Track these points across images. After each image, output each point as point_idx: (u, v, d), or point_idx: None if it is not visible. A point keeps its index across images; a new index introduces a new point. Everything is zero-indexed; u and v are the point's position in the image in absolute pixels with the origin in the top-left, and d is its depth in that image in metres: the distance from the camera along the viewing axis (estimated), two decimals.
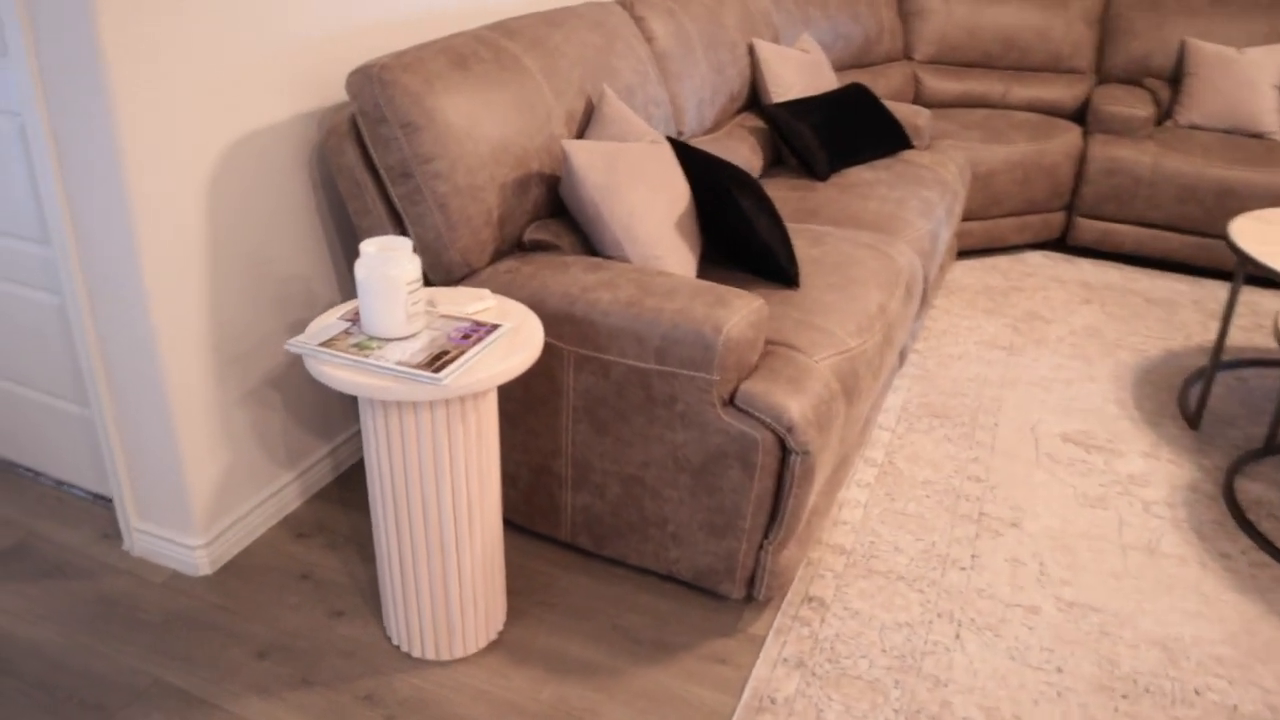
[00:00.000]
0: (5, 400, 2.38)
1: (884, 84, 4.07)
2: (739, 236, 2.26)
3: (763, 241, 2.21)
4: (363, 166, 2.03)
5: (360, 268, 1.64)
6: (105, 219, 1.83)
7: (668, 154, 2.26)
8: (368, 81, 1.92)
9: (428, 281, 2.10)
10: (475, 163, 2.00)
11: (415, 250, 2.04)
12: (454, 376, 1.58)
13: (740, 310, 1.87)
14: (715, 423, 1.88)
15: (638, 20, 2.79)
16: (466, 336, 1.70)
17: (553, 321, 1.95)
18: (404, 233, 2.06)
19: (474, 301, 1.84)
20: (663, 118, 2.69)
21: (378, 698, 1.84)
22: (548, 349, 1.98)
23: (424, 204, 1.98)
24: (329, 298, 2.32)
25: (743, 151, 3.05)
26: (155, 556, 2.18)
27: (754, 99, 3.32)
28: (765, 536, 1.96)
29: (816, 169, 3.05)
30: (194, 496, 2.07)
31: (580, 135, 2.30)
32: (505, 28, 2.26)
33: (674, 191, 2.20)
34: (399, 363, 1.60)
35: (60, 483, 2.42)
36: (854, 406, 2.07)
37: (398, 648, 1.95)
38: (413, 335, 1.70)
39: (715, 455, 1.91)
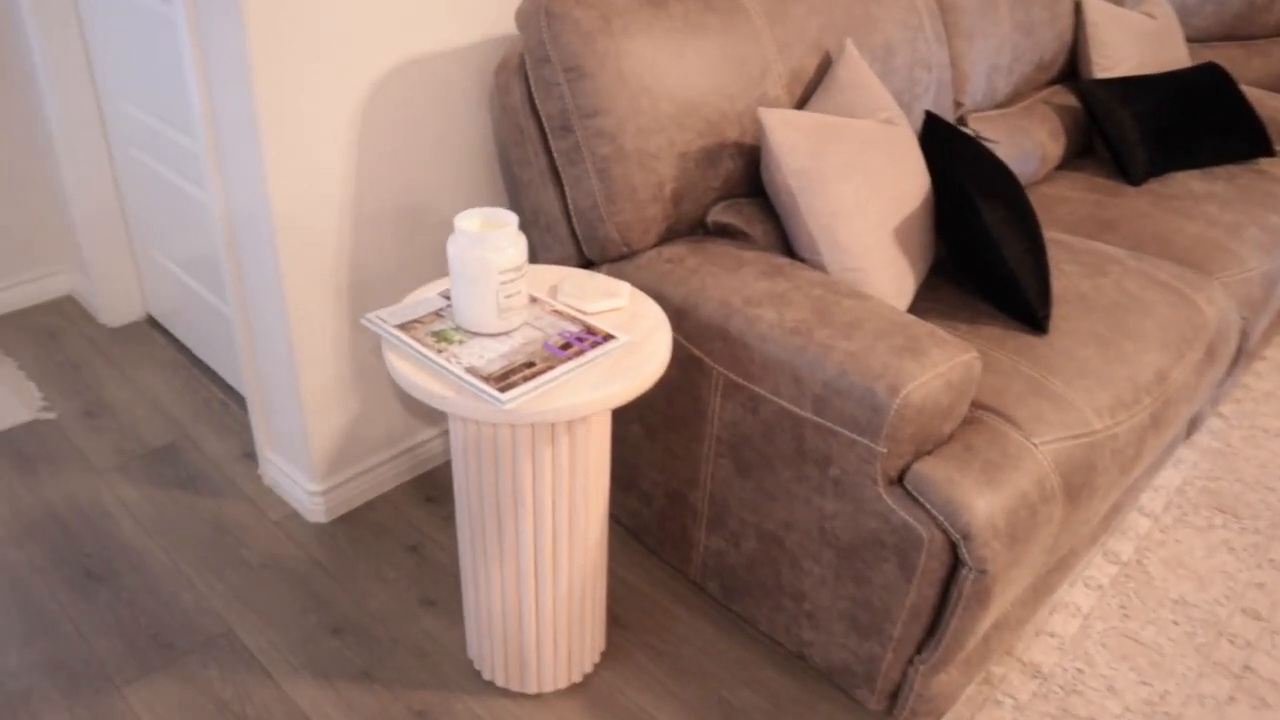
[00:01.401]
0: (190, 296, 2.37)
1: (1261, 66, 3.21)
2: (979, 254, 1.76)
3: (1008, 268, 1.71)
4: (528, 111, 1.73)
5: (452, 245, 1.36)
6: (235, 127, 1.67)
7: (905, 138, 1.79)
8: (536, 12, 1.61)
9: (581, 258, 1.79)
10: (650, 123, 1.64)
11: (572, 218, 1.74)
12: (520, 401, 1.27)
13: (935, 366, 1.41)
14: (874, 502, 1.46)
15: None
16: (567, 346, 1.38)
17: (704, 333, 1.59)
18: (562, 194, 1.76)
19: (604, 297, 1.51)
20: (933, 84, 2.18)
21: (430, 717, 1.63)
22: (695, 365, 1.62)
23: (582, 165, 1.67)
24: None
25: (1038, 135, 2.46)
26: (280, 490, 2.09)
27: (1071, 70, 2.68)
28: (918, 652, 1.53)
29: (1130, 169, 2.40)
30: (314, 441, 1.94)
31: (803, 102, 1.87)
32: None
33: (902, 187, 1.73)
34: (468, 369, 1.32)
35: (229, 388, 2.40)
36: (1080, 509, 1.56)
37: (471, 662, 1.73)
38: (506, 333, 1.41)
39: (868, 540, 1.49)
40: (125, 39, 2.11)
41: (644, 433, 1.79)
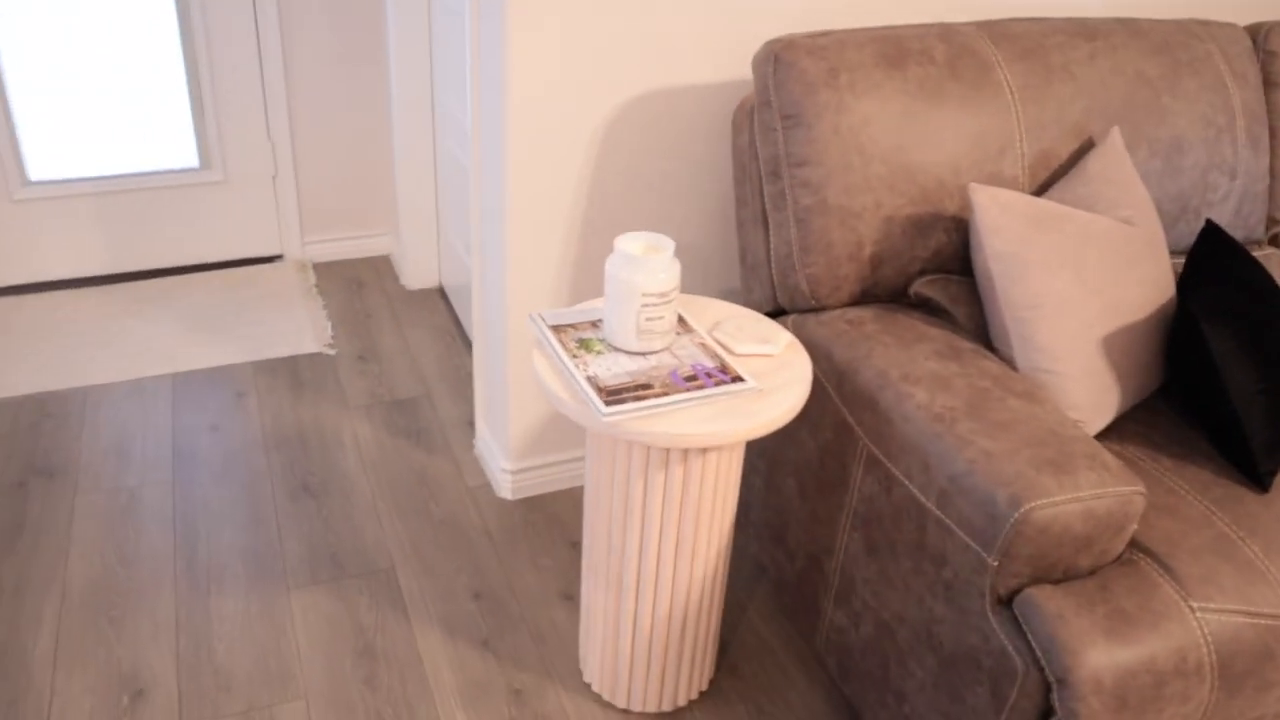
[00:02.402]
0: (465, 275, 2.65)
1: None
2: (1204, 386, 1.55)
3: (1231, 407, 1.49)
4: (751, 153, 1.77)
5: (609, 263, 1.43)
6: (492, 128, 1.85)
7: (1147, 242, 1.61)
8: (767, 57, 1.65)
9: (775, 303, 1.79)
10: (858, 181, 1.62)
11: (770, 266, 1.75)
12: (620, 416, 1.32)
13: (1077, 490, 1.28)
14: (978, 617, 1.34)
15: (1265, 55, 2.01)
16: (692, 378, 1.41)
17: (857, 401, 1.54)
18: (767, 238, 1.78)
19: (758, 341, 1.52)
20: (1235, 193, 1.94)
21: (523, 699, 1.71)
22: (846, 432, 1.57)
23: (785, 211, 1.68)
24: (726, 282, 2.13)
25: None
26: (482, 460, 2.27)
27: None
28: None
29: None
30: (514, 424, 2.10)
31: (1045, 186, 1.74)
32: (999, 28, 1.77)
33: (1128, 295, 1.57)
34: (589, 377, 1.38)
35: None
36: (1240, 701, 1.33)
37: (579, 661, 1.79)
38: (644, 354, 1.45)
39: (967, 656, 1.37)
40: (447, 37, 2.41)
41: (797, 489, 1.76)
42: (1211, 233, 1.73)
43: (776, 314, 1.81)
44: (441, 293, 2.96)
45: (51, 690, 1.66)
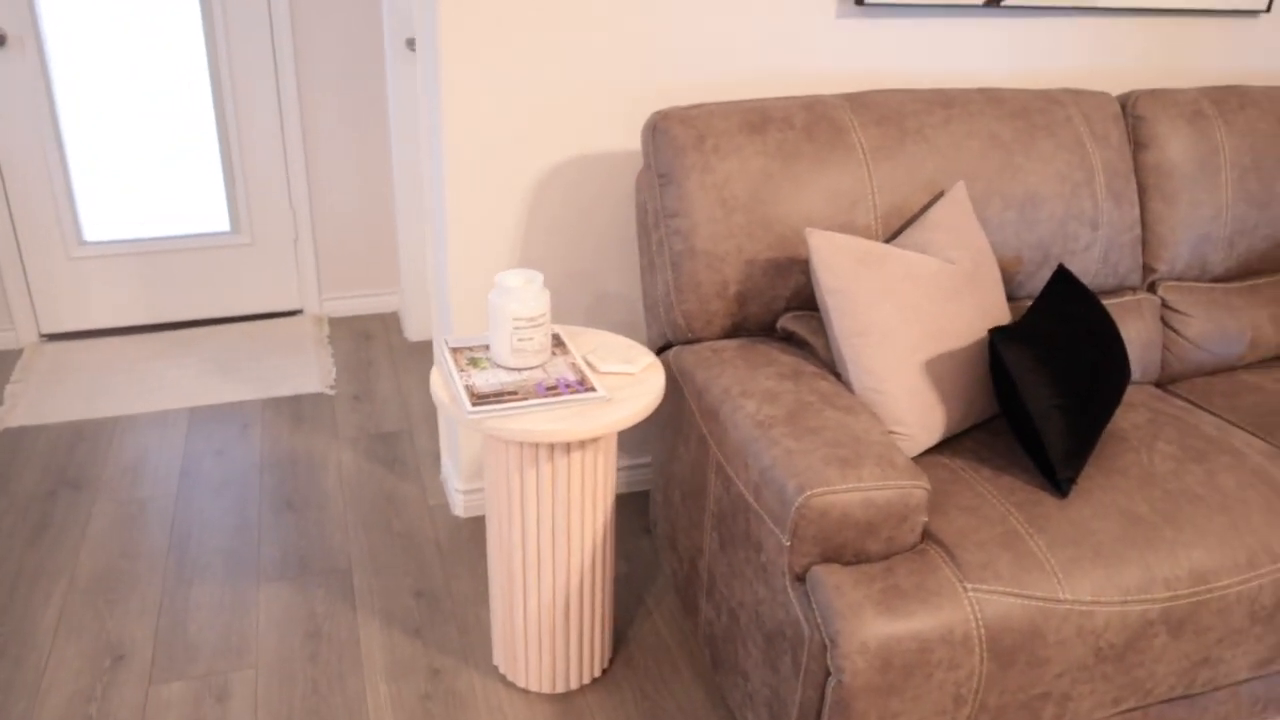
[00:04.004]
0: None
1: None
2: (1014, 404, 1.76)
3: (1031, 421, 1.70)
4: (645, 209, 2.06)
5: (491, 294, 1.73)
6: (436, 185, 2.19)
7: (969, 279, 1.84)
8: (649, 126, 1.95)
9: (664, 338, 2.06)
10: (721, 230, 1.89)
11: (660, 305, 2.03)
12: (479, 415, 1.60)
13: (859, 482, 1.51)
14: (782, 593, 1.57)
15: (1134, 120, 2.23)
16: (553, 389, 1.68)
17: (707, 413, 1.79)
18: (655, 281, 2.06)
19: (621, 362, 1.79)
20: (1099, 242, 2.14)
21: (439, 677, 1.97)
22: (702, 443, 1.82)
23: (663, 257, 1.96)
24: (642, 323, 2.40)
25: (1252, 316, 2.26)
26: (445, 483, 2.57)
27: None
28: None
29: None
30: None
31: (896, 233, 1.99)
32: (862, 99, 2.04)
33: (950, 325, 1.79)
34: (468, 386, 1.67)
35: None
36: (1016, 675, 1.52)
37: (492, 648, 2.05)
38: (519, 369, 1.74)
39: (778, 630, 1.59)
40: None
41: (680, 498, 2.00)
42: (1061, 274, 1.95)
43: (666, 347, 2.08)
44: None
45: (49, 652, 1.98)
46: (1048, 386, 1.70)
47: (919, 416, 1.77)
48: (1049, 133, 2.12)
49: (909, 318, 1.78)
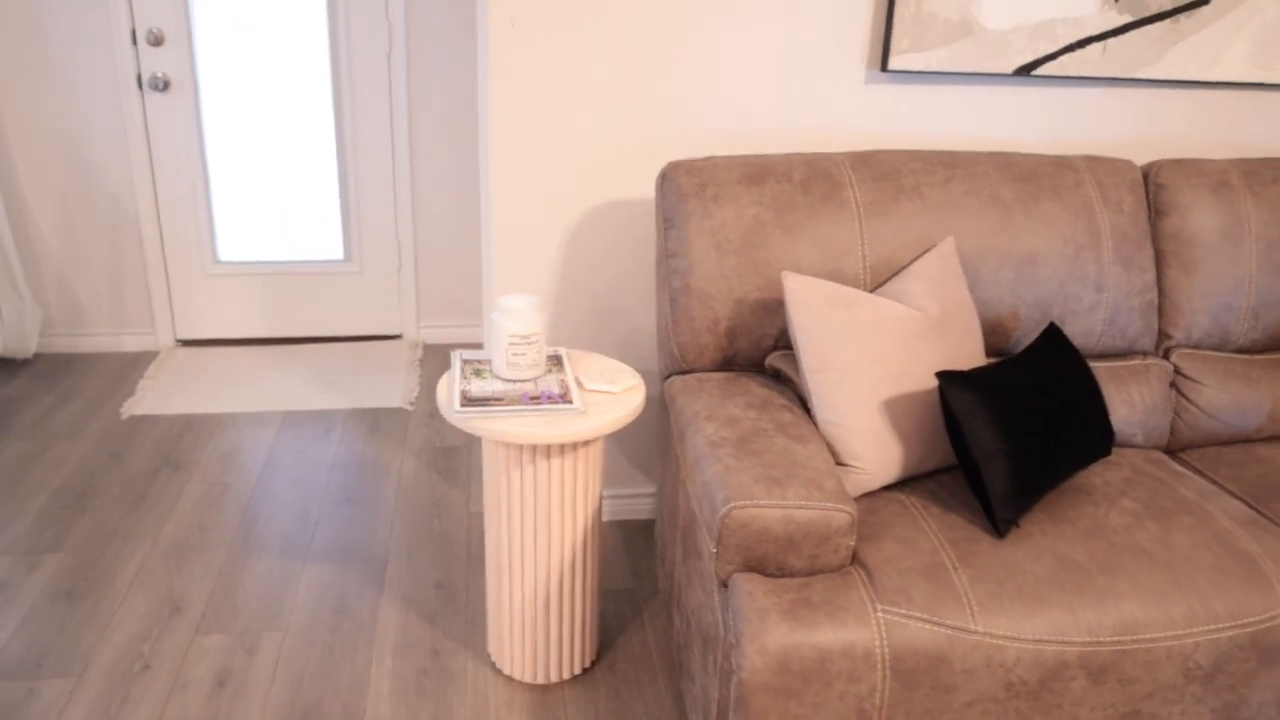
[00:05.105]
0: None
1: None
2: (962, 447, 1.84)
3: (972, 461, 1.78)
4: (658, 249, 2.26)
5: (493, 313, 1.96)
6: (488, 236, 2.45)
7: (938, 328, 1.94)
8: (660, 175, 2.15)
9: (666, 371, 2.24)
10: (713, 270, 2.07)
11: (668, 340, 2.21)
12: (465, 415, 1.83)
13: (782, 500, 1.64)
14: (710, 599, 1.70)
15: (1155, 188, 2.27)
16: (536, 399, 1.89)
17: (677, 435, 1.96)
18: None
19: (606, 382, 1.98)
20: (1107, 305, 2.19)
21: (439, 657, 2.18)
22: (677, 462, 1.99)
23: (664, 293, 2.15)
24: None
25: (1274, 388, 2.23)
26: None
27: None
28: None
29: None
30: None
31: (883, 283, 2.10)
32: (865, 158, 2.18)
33: (912, 369, 1.90)
34: (463, 391, 1.90)
35: None
36: (921, 697, 1.60)
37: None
38: (514, 381, 1.96)
39: (709, 633, 1.73)
40: None
41: (666, 515, 2.16)
42: (1050, 331, 2.03)
43: (669, 376, 2.25)
44: None
45: (122, 600, 2.32)
46: (991, 429, 1.78)
47: (875, 453, 1.88)
48: (1054, 195, 2.19)
49: (871, 359, 1.89)
